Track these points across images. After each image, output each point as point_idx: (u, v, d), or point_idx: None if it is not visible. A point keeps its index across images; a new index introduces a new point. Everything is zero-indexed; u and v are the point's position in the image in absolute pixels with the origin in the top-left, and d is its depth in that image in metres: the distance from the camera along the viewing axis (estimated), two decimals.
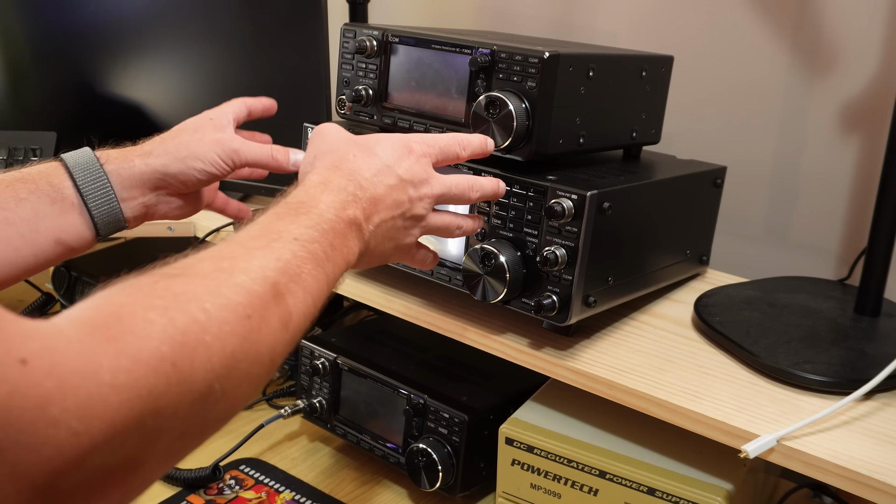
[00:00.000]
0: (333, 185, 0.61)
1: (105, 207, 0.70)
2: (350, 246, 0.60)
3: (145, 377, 0.40)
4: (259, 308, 0.49)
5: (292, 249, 0.54)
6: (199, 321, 0.44)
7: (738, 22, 1.07)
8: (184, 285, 0.46)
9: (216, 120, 0.78)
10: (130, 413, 0.39)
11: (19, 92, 1.35)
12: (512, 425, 0.85)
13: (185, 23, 1.18)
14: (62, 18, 1.26)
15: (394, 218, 0.65)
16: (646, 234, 0.84)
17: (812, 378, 0.73)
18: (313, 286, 0.55)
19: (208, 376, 0.44)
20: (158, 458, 0.43)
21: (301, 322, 0.54)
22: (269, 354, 0.50)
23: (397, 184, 0.65)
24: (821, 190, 1.05)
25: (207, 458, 1.04)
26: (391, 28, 0.86)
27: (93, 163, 0.70)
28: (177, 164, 0.73)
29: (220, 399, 0.45)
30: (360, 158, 0.64)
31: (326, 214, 0.58)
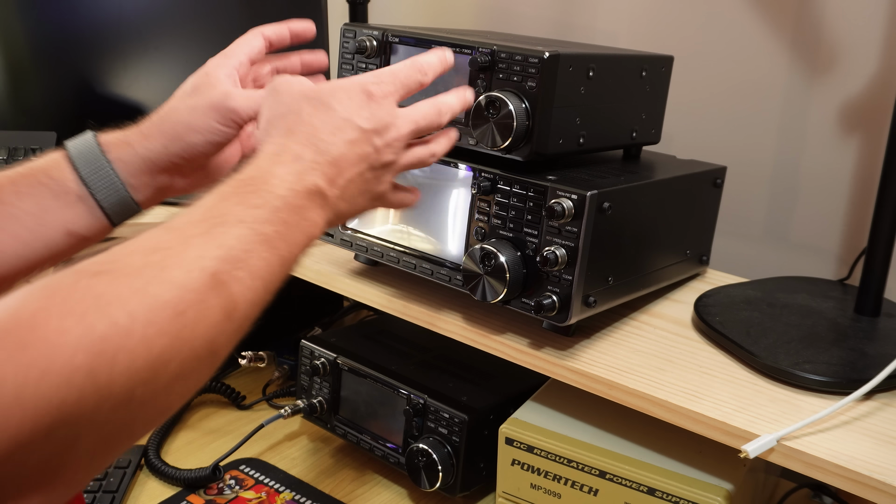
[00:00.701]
0: (287, 154, 0.57)
1: (113, 197, 0.68)
2: (311, 218, 0.56)
3: (56, 389, 0.38)
4: (195, 302, 0.46)
5: (237, 234, 0.50)
6: (120, 326, 0.42)
7: (738, 22, 1.07)
8: (107, 285, 0.43)
9: (212, 74, 0.72)
10: (37, 425, 0.38)
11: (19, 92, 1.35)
12: (512, 425, 0.85)
13: (185, 23, 1.18)
14: (62, 18, 1.26)
15: (361, 173, 0.61)
16: (646, 234, 0.84)
17: (812, 378, 0.73)
18: (264, 270, 0.51)
19: (130, 382, 0.42)
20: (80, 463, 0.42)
21: (249, 309, 0.50)
22: (207, 348, 0.47)
23: (359, 137, 0.60)
24: (821, 190, 1.05)
25: (207, 458, 1.04)
26: (391, 28, 0.86)
27: (95, 153, 0.68)
28: (176, 144, 0.69)
29: (145, 402, 0.43)
30: (316, 116, 0.59)
31: (278, 190, 0.54)
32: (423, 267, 0.86)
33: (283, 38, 0.77)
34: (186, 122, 0.70)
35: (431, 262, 0.86)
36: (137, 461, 1.03)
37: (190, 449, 1.08)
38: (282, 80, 0.63)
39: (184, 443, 1.10)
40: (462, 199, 0.82)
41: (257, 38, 0.76)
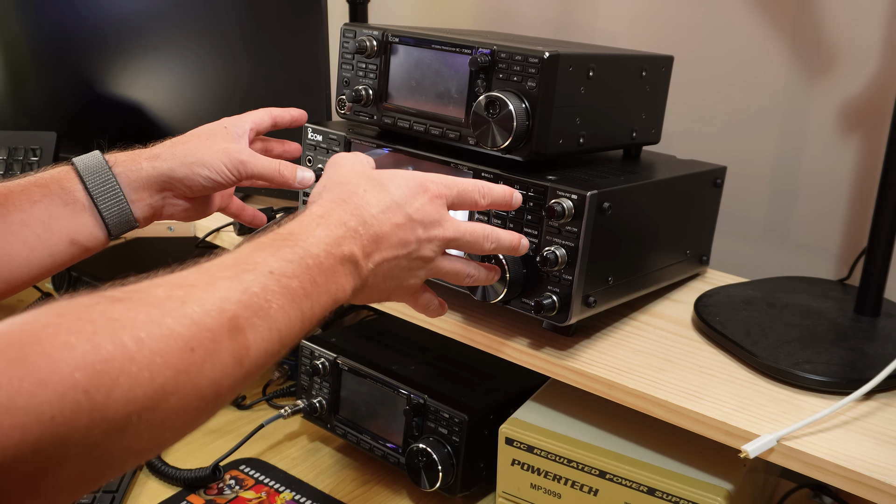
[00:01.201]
0: (332, 219, 0.59)
1: (115, 209, 0.72)
2: (340, 283, 0.57)
3: (49, 403, 0.38)
4: (207, 341, 0.46)
5: (263, 283, 0.51)
6: (127, 350, 0.42)
7: (738, 22, 1.07)
8: (124, 311, 0.44)
9: (230, 129, 0.79)
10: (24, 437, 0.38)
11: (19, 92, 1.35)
12: (512, 425, 0.85)
13: (185, 23, 1.18)
14: (62, 18, 1.26)
15: (398, 257, 0.62)
16: (646, 234, 0.84)
17: (812, 378, 0.73)
18: (282, 323, 0.52)
19: (127, 408, 0.42)
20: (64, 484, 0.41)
21: (261, 359, 0.51)
22: (212, 389, 0.47)
23: (405, 223, 0.62)
24: (821, 190, 1.05)
25: (207, 458, 1.04)
26: (391, 28, 0.86)
27: (102, 166, 0.72)
28: (183, 170, 0.74)
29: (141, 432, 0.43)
30: (370, 193, 0.62)
31: (314, 249, 0.56)
32: None
33: (284, 121, 0.85)
34: (199, 156, 0.75)
35: None
36: None
37: (190, 449, 1.08)
38: (344, 155, 0.67)
39: (184, 443, 1.10)
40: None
41: (266, 114, 0.83)
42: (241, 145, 0.77)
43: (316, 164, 0.93)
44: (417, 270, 0.65)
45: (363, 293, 0.62)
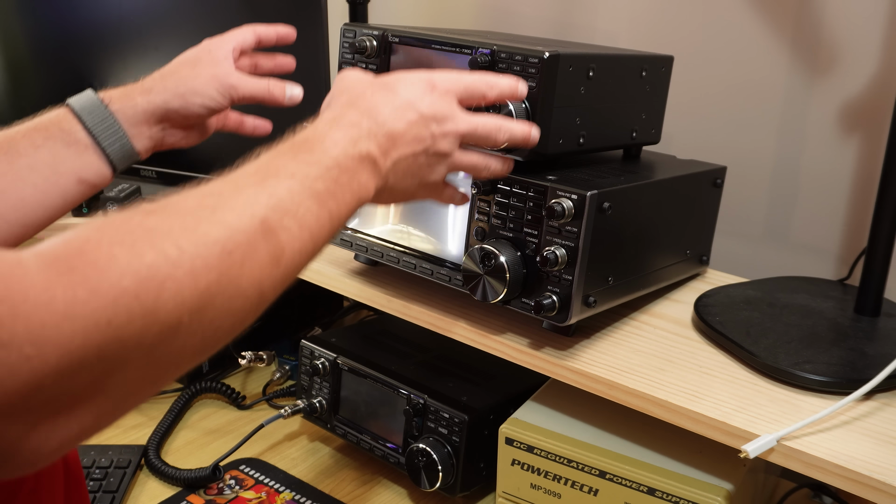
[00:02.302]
0: (345, 120, 0.60)
1: (117, 145, 0.75)
2: (362, 181, 0.58)
3: (103, 308, 0.40)
4: (243, 243, 0.48)
5: (288, 186, 0.53)
6: (169, 256, 0.44)
7: (738, 22, 1.07)
8: (159, 221, 0.46)
9: (214, 52, 0.80)
10: (87, 341, 0.40)
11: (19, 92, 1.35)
12: (512, 425, 0.85)
13: (185, 23, 1.17)
14: (62, 18, 1.26)
15: (415, 154, 0.63)
16: (646, 234, 0.84)
17: (812, 378, 0.73)
18: (312, 223, 0.53)
19: (178, 310, 0.44)
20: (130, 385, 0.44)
21: (296, 259, 0.52)
22: (254, 289, 0.49)
23: (418, 119, 0.62)
24: (821, 190, 1.05)
25: (207, 458, 1.04)
26: (391, 28, 0.86)
27: (98, 105, 0.74)
28: (177, 100, 0.77)
29: (193, 332, 0.45)
30: (379, 95, 0.62)
31: (332, 151, 0.57)
32: (423, 267, 0.86)
33: (270, 39, 0.87)
34: (190, 84, 0.78)
35: (431, 262, 0.86)
36: (137, 461, 1.03)
37: (190, 449, 1.08)
38: (349, 70, 0.68)
39: (184, 443, 1.10)
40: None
41: (250, 32, 0.84)
42: (228, 68, 0.79)
43: None
44: (436, 166, 0.66)
45: (385, 193, 0.63)
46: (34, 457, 0.41)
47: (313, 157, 0.56)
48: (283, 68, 0.89)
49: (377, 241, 0.90)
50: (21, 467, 0.41)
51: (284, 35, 0.87)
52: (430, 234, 0.86)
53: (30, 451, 0.41)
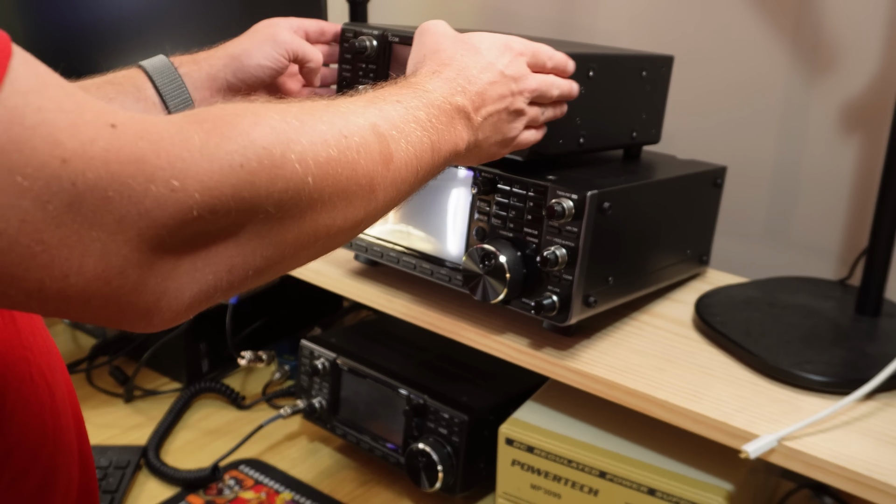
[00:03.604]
0: (443, 75, 0.64)
1: (181, 106, 0.77)
2: (458, 130, 0.62)
3: (236, 152, 0.44)
4: (357, 134, 0.52)
5: (395, 108, 0.56)
6: (292, 126, 0.47)
7: (739, 21, 1.07)
8: (279, 106, 0.49)
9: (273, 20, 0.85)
10: (224, 179, 0.43)
11: None
12: (512, 425, 0.85)
13: (185, 23, 1.17)
14: (62, 18, 1.26)
15: (499, 111, 0.67)
16: (646, 234, 0.84)
17: (813, 378, 0.73)
18: (416, 143, 0.57)
19: (302, 168, 0.47)
20: (256, 240, 0.46)
21: (403, 170, 0.56)
22: (367, 181, 0.52)
23: (500, 79, 0.67)
24: (821, 190, 1.05)
25: (207, 459, 1.04)
26: (391, 28, 0.85)
27: (169, 67, 0.78)
28: (234, 63, 0.80)
29: (315, 200, 0.48)
30: (468, 57, 0.66)
31: (434, 94, 0.61)
32: (423, 267, 0.86)
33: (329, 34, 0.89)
34: (245, 47, 0.81)
35: (431, 262, 0.86)
36: (136, 461, 1.03)
37: (189, 449, 1.08)
38: (431, 23, 0.72)
39: (183, 443, 1.10)
40: (462, 199, 0.82)
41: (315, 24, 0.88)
42: (284, 31, 0.83)
43: None
44: (514, 121, 0.69)
45: (476, 150, 0.67)
46: (173, 304, 0.44)
47: (417, 95, 0.60)
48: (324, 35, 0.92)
49: (377, 241, 0.90)
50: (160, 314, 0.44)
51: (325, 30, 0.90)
52: (430, 234, 0.86)
53: (171, 296, 0.43)
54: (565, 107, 0.76)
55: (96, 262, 0.39)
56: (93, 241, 0.39)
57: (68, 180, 0.37)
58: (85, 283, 0.40)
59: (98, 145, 0.38)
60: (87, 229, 0.39)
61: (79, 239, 0.38)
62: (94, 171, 0.38)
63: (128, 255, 0.40)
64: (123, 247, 0.40)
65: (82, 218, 0.38)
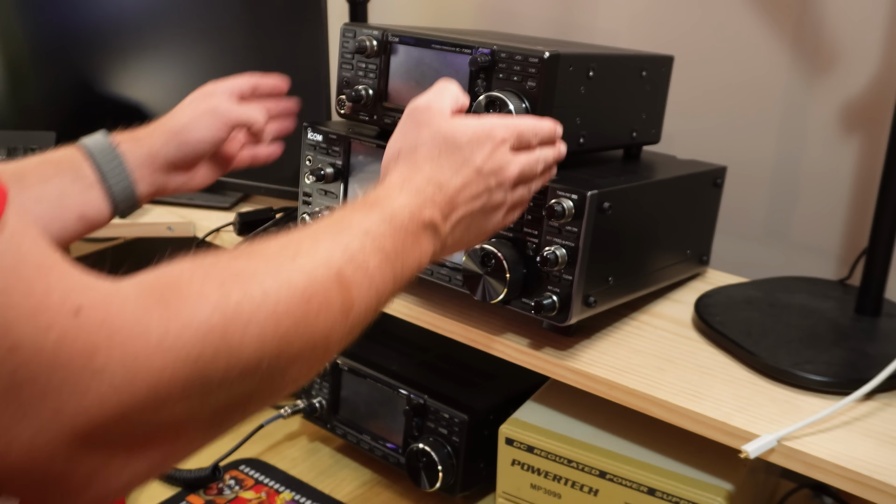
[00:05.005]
0: (412, 185, 0.61)
1: (121, 185, 0.77)
2: (423, 247, 0.61)
3: (193, 344, 0.41)
4: (320, 292, 0.50)
5: (361, 241, 0.55)
6: (254, 298, 0.45)
7: (739, 22, 1.07)
8: (246, 264, 0.48)
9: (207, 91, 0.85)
10: (175, 375, 0.41)
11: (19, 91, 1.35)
12: (512, 425, 0.85)
13: (185, 22, 1.17)
14: (62, 18, 1.26)
15: (472, 213, 0.65)
16: (646, 234, 0.84)
17: (813, 378, 0.73)
18: (379, 280, 0.55)
19: (258, 352, 0.45)
20: (203, 426, 0.45)
21: (363, 314, 0.54)
22: (324, 340, 0.50)
23: (475, 178, 0.64)
24: (821, 190, 1.05)
25: (207, 459, 1.04)
26: (391, 28, 0.86)
27: (108, 146, 0.77)
28: (174, 140, 0.80)
29: (268, 376, 0.46)
30: (444, 156, 0.64)
31: (399, 214, 0.59)
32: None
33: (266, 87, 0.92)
34: (185, 122, 0.81)
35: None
36: None
37: None
38: (425, 108, 0.67)
39: None
40: None
41: (248, 78, 0.90)
42: (222, 100, 0.83)
43: (315, 164, 0.92)
44: (492, 215, 0.67)
45: (445, 251, 0.65)
46: (102, 492, 0.41)
47: (383, 216, 0.58)
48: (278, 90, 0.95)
49: None
50: (85, 500, 0.42)
51: (276, 85, 0.92)
52: None
53: (100, 485, 0.41)
54: (554, 170, 0.73)
55: (23, 449, 0.38)
56: (24, 428, 0.37)
57: (10, 367, 0.36)
58: (7, 465, 0.38)
59: (52, 334, 0.37)
60: (19, 417, 0.37)
61: (8, 425, 0.37)
62: (40, 361, 0.36)
63: (57, 448, 0.38)
64: (54, 439, 0.38)
65: (17, 405, 0.37)
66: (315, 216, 0.91)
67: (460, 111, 0.69)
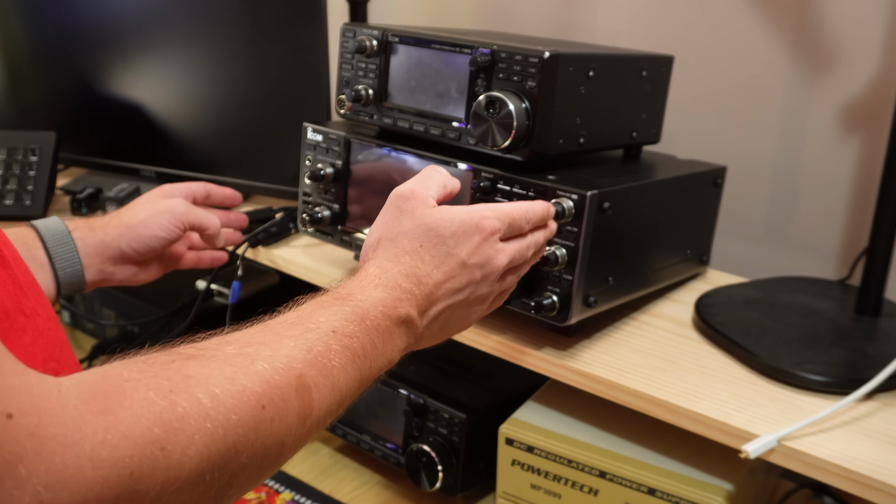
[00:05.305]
0: (388, 279, 0.59)
1: (70, 270, 0.79)
2: (395, 344, 0.59)
3: (129, 457, 0.39)
4: (276, 399, 0.47)
5: (327, 342, 0.52)
6: (202, 407, 0.43)
7: (739, 22, 1.07)
8: (198, 368, 0.45)
9: (166, 192, 0.88)
10: (105, 491, 0.38)
11: (19, 92, 1.35)
12: (512, 425, 0.85)
13: (185, 23, 1.17)
14: (62, 18, 1.26)
15: (452, 306, 0.62)
16: (646, 234, 0.84)
17: (812, 378, 0.73)
18: (343, 382, 0.53)
19: (202, 465, 0.42)
20: None
21: (322, 418, 0.52)
22: (277, 448, 0.48)
23: (459, 272, 0.61)
24: (821, 190, 1.05)
25: None
26: (391, 28, 0.86)
27: (62, 230, 0.79)
28: (129, 233, 0.83)
29: (210, 489, 0.44)
30: (425, 249, 0.61)
31: (372, 311, 0.56)
32: None
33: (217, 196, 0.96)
34: (142, 218, 0.84)
35: None
36: None
37: None
38: (408, 195, 0.63)
39: None
40: (462, 199, 0.82)
41: (201, 187, 0.93)
42: (177, 201, 0.86)
43: (315, 164, 0.92)
44: (475, 307, 0.65)
45: (420, 344, 0.63)
46: None
47: (354, 314, 0.55)
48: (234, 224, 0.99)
49: None
50: None
51: (231, 197, 0.96)
52: None
53: None
54: (543, 249, 0.70)
55: None
56: None
57: None
58: None
59: None
60: None
61: None
62: None
63: None
64: None
65: None
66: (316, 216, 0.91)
67: (448, 197, 0.66)
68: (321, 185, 0.92)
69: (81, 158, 1.31)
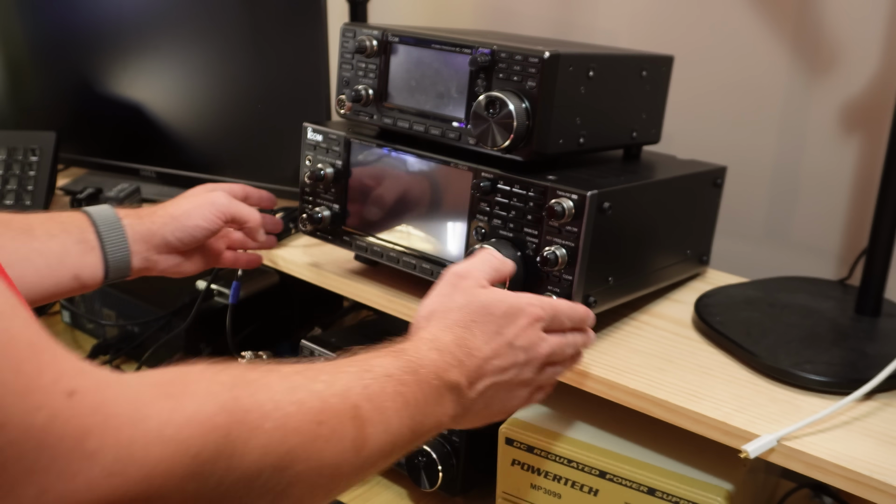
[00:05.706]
0: (441, 345, 0.61)
1: (119, 254, 0.81)
2: (445, 407, 0.60)
3: (194, 438, 0.40)
4: (333, 419, 0.49)
5: (382, 384, 0.54)
6: (263, 407, 0.45)
7: (739, 22, 1.07)
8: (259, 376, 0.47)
9: (209, 187, 0.90)
10: (171, 469, 0.39)
11: (19, 92, 1.35)
12: (512, 425, 0.85)
13: (185, 22, 1.17)
14: (62, 18, 1.26)
15: (498, 384, 0.64)
16: (646, 234, 0.84)
17: (812, 378, 0.73)
18: (395, 427, 0.54)
19: (260, 461, 0.44)
20: None
21: (375, 457, 0.53)
22: (331, 470, 0.49)
23: (506, 351, 0.64)
24: (821, 190, 1.05)
25: None
26: (391, 28, 0.86)
27: (113, 216, 0.81)
28: (173, 223, 0.85)
29: (265, 492, 0.45)
30: (477, 325, 0.64)
31: (424, 369, 0.58)
32: (423, 267, 0.86)
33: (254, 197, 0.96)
34: (186, 209, 0.86)
35: (431, 262, 0.86)
36: None
37: None
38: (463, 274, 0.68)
39: None
40: (462, 199, 0.82)
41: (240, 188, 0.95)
42: (220, 195, 0.88)
43: (315, 164, 0.92)
44: (518, 391, 0.67)
45: (467, 418, 0.64)
46: None
47: (409, 366, 0.57)
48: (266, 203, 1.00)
49: (377, 241, 0.90)
50: None
51: (267, 199, 0.98)
52: (430, 234, 0.86)
53: None
54: (581, 356, 0.73)
55: None
56: None
57: None
58: None
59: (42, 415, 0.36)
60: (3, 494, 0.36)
61: None
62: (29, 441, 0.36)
63: None
64: None
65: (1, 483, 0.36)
66: (316, 216, 0.91)
67: (500, 281, 0.70)
68: (321, 185, 0.92)
69: (81, 158, 1.31)
